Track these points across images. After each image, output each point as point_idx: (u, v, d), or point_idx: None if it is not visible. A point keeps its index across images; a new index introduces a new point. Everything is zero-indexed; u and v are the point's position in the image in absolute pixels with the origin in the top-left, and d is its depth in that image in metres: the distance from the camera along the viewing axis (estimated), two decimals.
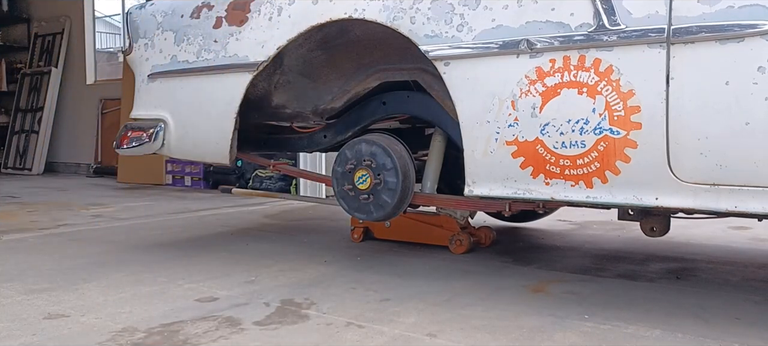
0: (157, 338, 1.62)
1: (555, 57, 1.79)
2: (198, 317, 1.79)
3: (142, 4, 2.73)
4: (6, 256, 2.67)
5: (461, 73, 1.93)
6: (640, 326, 1.72)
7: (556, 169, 1.83)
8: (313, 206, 4.42)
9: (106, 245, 2.91)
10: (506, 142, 1.88)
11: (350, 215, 2.38)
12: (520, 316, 1.81)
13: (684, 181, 1.68)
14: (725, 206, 1.64)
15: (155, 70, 2.60)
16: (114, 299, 1.98)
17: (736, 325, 1.74)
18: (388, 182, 2.23)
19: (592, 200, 1.80)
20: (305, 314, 1.82)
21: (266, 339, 1.62)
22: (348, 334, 1.65)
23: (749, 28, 1.55)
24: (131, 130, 2.70)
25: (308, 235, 3.19)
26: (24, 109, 7.79)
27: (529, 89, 1.83)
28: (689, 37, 1.62)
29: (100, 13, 10.22)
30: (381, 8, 2.06)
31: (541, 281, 2.22)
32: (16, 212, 4.11)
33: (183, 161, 6.04)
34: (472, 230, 2.76)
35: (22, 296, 2.02)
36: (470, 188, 1.98)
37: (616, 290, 2.10)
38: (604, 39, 1.72)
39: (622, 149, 1.72)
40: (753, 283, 2.22)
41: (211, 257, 2.59)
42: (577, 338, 1.62)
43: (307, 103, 2.54)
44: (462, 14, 1.92)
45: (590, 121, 1.76)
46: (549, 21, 1.79)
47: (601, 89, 1.73)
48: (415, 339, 1.61)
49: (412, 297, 1.99)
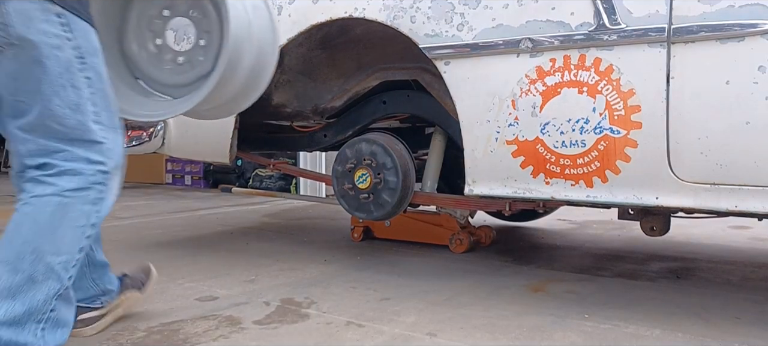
0: (157, 337, 1.61)
1: (555, 56, 1.79)
2: (198, 316, 1.79)
3: None
4: None
5: (461, 72, 1.93)
6: (640, 326, 1.72)
7: (556, 169, 1.83)
8: (313, 205, 4.42)
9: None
10: (506, 142, 1.88)
11: (350, 214, 2.39)
12: (520, 315, 1.81)
13: (684, 180, 1.68)
14: (725, 205, 1.64)
15: None
16: None
17: (736, 324, 1.74)
18: (389, 181, 2.23)
19: (593, 200, 1.80)
20: (305, 313, 1.82)
21: (266, 338, 1.62)
22: (348, 333, 1.65)
23: (749, 27, 1.55)
24: (131, 129, 2.70)
25: (308, 234, 3.19)
26: None
27: (529, 88, 1.83)
28: (690, 36, 1.62)
29: None
30: (381, 7, 2.06)
31: (541, 280, 2.22)
32: None
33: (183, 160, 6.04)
34: (472, 230, 2.76)
35: None
36: (470, 187, 1.98)
37: (616, 289, 2.10)
38: (605, 38, 1.72)
39: (623, 149, 1.72)
40: (753, 282, 2.22)
41: (211, 256, 2.59)
42: (577, 338, 1.62)
43: (307, 103, 2.54)
44: (462, 13, 1.92)
45: (590, 120, 1.76)
46: (549, 20, 1.79)
47: (601, 89, 1.73)
48: (415, 338, 1.61)
49: (412, 296, 1.99)
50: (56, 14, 1.22)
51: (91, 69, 1.27)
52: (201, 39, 1.63)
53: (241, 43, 1.53)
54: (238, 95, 1.66)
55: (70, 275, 1.21)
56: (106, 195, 1.25)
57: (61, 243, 1.18)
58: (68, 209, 1.18)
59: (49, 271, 1.17)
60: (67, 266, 1.20)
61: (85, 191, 1.21)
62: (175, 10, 1.64)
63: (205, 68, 1.61)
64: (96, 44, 1.31)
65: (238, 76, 1.57)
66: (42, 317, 1.18)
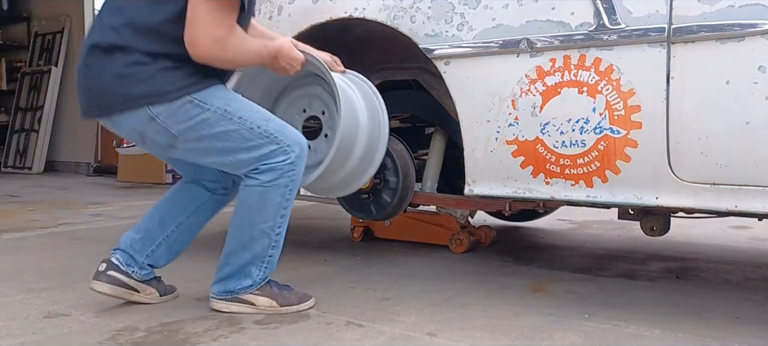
0: (157, 337, 1.61)
1: (555, 56, 1.79)
2: (198, 316, 1.79)
3: None
4: (6, 255, 2.67)
5: (461, 72, 1.93)
6: (640, 326, 1.72)
7: (556, 169, 1.83)
8: (313, 205, 4.42)
9: (107, 244, 2.90)
10: (506, 142, 1.88)
11: (350, 214, 2.39)
12: (520, 315, 1.81)
13: (684, 180, 1.68)
14: (725, 205, 1.64)
15: None
16: (114, 298, 1.97)
17: (736, 324, 1.74)
18: (389, 181, 2.23)
19: (593, 200, 1.80)
20: (305, 313, 1.82)
21: (266, 338, 1.62)
22: (348, 333, 1.65)
23: (749, 27, 1.55)
24: None
25: (308, 234, 3.19)
26: (24, 108, 7.78)
27: (529, 88, 1.83)
28: (690, 36, 1.62)
29: None
30: (381, 7, 2.06)
31: (541, 280, 2.22)
32: (16, 211, 4.11)
33: None
34: (472, 230, 2.76)
35: (22, 294, 2.02)
36: (470, 187, 1.98)
37: (616, 289, 2.10)
38: (605, 38, 1.72)
39: (623, 149, 1.72)
40: (753, 282, 2.22)
41: (210, 256, 2.57)
42: (577, 338, 1.62)
43: None
44: (462, 13, 1.92)
45: (590, 120, 1.76)
46: (549, 20, 1.79)
47: (601, 89, 1.73)
48: (414, 338, 1.61)
49: (412, 296, 1.99)
50: (189, 101, 1.60)
51: (235, 112, 1.65)
52: (325, 133, 2.12)
53: (350, 143, 1.97)
54: (349, 179, 2.09)
55: (278, 232, 1.74)
56: (296, 177, 1.69)
57: (266, 215, 1.69)
58: (268, 193, 1.67)
59: (262, 233, 1.71)
60: (274, 227, 1.72)
61: (279, 179, 1.66)
62: (311, 109, 2.11)
63: (324, 156, 1.98)
64: (227, 93, 1.71)
65: (347, 165, 2.01)
66: (262, 260, 1.76)
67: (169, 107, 1.58)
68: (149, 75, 1.56)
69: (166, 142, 1.65)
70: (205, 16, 1.52)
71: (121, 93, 1.57)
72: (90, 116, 1.71)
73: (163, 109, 1.58)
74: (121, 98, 1.57)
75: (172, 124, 1.60)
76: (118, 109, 1.59)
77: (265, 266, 1.77)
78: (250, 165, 1.67)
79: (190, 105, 1.60)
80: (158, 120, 1.59)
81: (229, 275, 1.77)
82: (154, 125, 1.61)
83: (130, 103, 1.57)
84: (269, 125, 1.68)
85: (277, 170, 1.65)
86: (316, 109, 2.15)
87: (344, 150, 1.94)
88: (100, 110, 1.65)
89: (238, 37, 1.62)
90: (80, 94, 1.68)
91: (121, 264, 1.80)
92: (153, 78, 1.56)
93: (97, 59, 1.60)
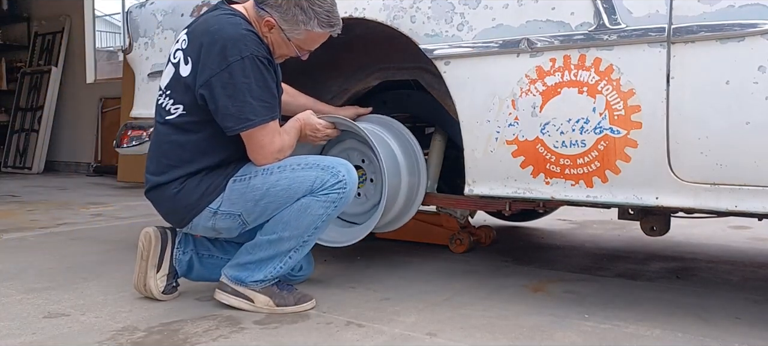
0: (157, 337, 1.62)
1: (555, 56, 1.79)
2: (198, 316, 1.79)
3: (143, 2, 2.72)
4: (6, 255, 2.67)
5: (461, 72, 1.93)
6: (640, 326, 1.72)
7: (556, 169, 1.83)
8: None
9: (107, 244, 2.91)
10: (506, 142, 1.88)
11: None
12: (520, 315, 1.81)
13: (684, 180, 1.68)
14: (725, 205, 1.64)
15: (155, 69, 2.59)
16: (114, 298, 1.98)
17: (736, 324, 1.74)
18: None
19: (593, 200, 1.80)
20: (305, 313, 1.82)
21: (266, 338, 1.62)
22: (348, 333, 1.65)
23: (749, 27, 1.55)
24: (131, 129, 2.70)
25: None
26: (24, 108, 7.78)
27: (529, 88, 1.83)
28: (690, 36, 1.62)
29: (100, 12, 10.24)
30: (381, 7, 2.06)
31: (541, 280, 2.22)
32: (16, 211, 4.11)
33: None
34: (472, 229, 2.76)
35: (22, 294, 2.02)
36: (470, 187, 1.98)
37: (615, 289, 2.10)
38: (605, 38, 1.71)
39: (623, 149, 1.72)
40: (753, 282, 2.22)
41: None
42: (576, 338, 1.62)
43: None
44: (462, 13, 1.92)
45: (590, 120, 1.75)
46: (549, 20, 1.79)
47: (601, 88, 1.73)
48: (414, 338, 1.61)
49: (412, 296, 1.99)
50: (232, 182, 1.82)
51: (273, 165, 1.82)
52: (371, 178, 2.27)
53: (397, 181, 2.14)
54: (398, 215, 2.25)
55: (305, 241, 1.84)
56: (345, 196, 1.81)
57: (303, 223, 1.80)
58: (313, 204, 1.79)
59: (291, 237, 1.82)
60: (303, 235, 1.83)
61: (329, 194, 1.79)
62: (352, 161, 2.16)
63: (375, 199, 2.23)
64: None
65: (397, 203, 2.18)
66: (281, 260, 1.84)
67: (221, 197, 1.81)
68: (196, 184, 1.82)
69: (237, 224, 1.85)
70: (262, 139, 1.79)
71: (182, 207, 1.84)
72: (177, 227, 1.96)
73: (217, 200, 1.81)
74: (184, 210, 1.84)
75: (229, 207, 1.82)
76: (189, 218, 1.85)
77: (280, 267, 1.85)
78: (307, 193, 1.80)
79: (235, 184, 1.82)
80: (220, 211, 1.82)
81: (246, 263, 1.86)
82: (218, 217, 1.83)
83: (193, 211, 1.83)
84: (308, 159, 1.85)
85: (327, 188, 1.79)
86: (356, 160, 2.27)
87: (393, 186, 2.10)
88: (178, 225, 1.92)
89: (285, 137, 1.87)
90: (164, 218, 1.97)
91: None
92: (199, 185, 1.82)
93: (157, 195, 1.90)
